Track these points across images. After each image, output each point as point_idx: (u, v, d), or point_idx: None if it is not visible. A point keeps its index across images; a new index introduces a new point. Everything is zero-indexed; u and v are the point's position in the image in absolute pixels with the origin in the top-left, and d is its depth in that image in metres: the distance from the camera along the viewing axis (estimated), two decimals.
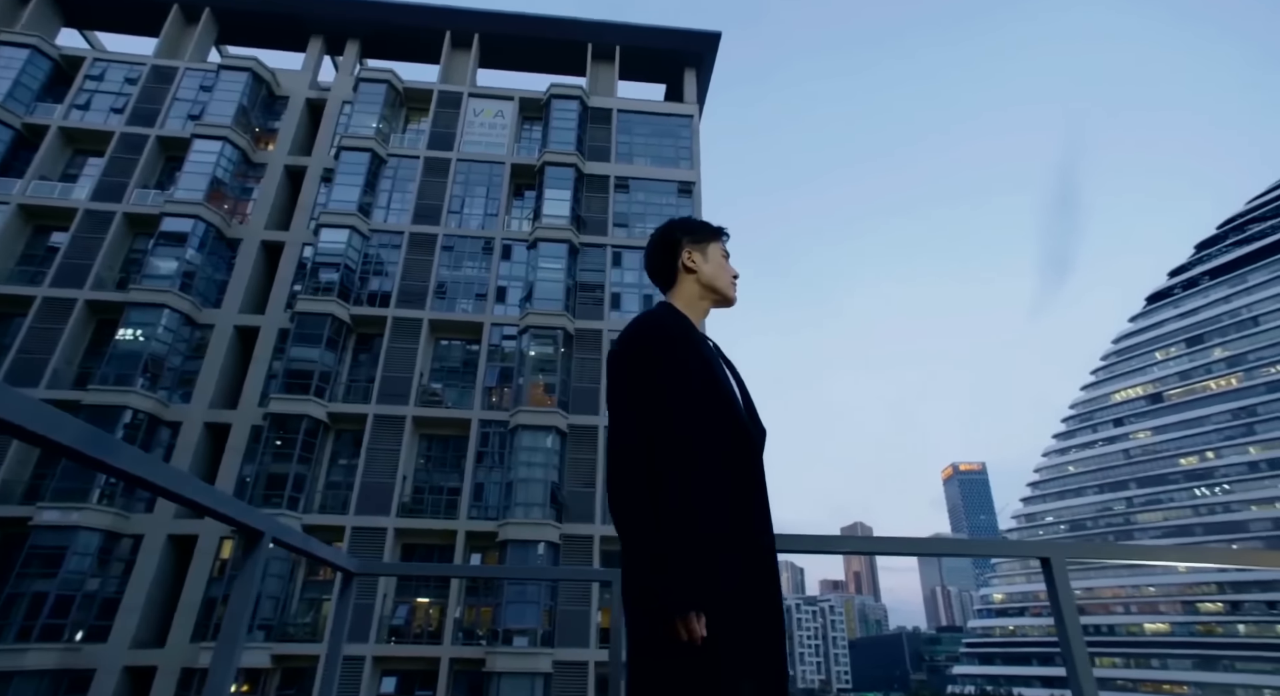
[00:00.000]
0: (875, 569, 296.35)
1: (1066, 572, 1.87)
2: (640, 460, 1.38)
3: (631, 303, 27.48)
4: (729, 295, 1.77)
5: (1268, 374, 74.27)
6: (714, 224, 1.83)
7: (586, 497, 23.83)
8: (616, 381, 1.50)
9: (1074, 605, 1.83)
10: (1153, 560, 2.04)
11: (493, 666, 20.37)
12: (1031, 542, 1.95)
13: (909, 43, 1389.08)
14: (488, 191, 28.91)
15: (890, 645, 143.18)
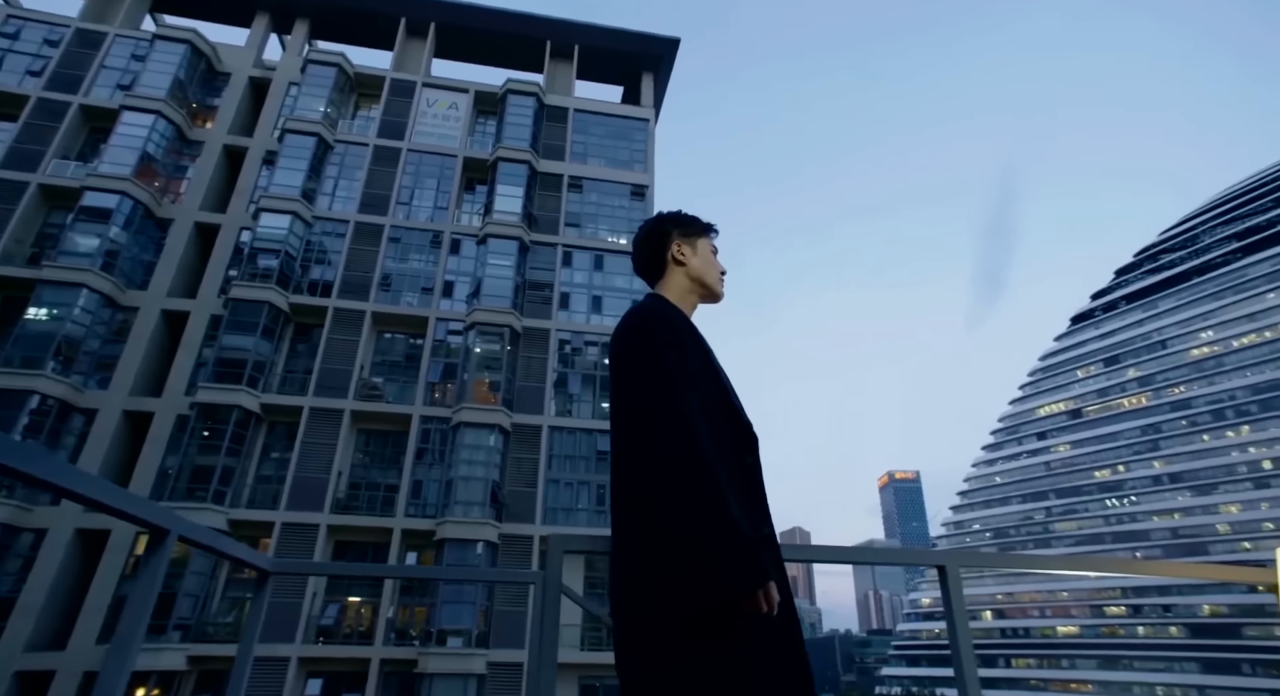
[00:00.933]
0: (812, 573, 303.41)
1: (960, 580, 1.98)
2: (711, 443, 1.33)
3: (580, 303, 27.42)
4: (716, 290, 1.76)
5: (1172, 394, 79.76)
6: (704, 220, 1.81)
7: (527, 497, 23.65)
8: (656, 361, 1.42)
9: (964, 610, 1.95)
10: (1036, 569, 2.19)
11: (425, 667, 19.97)
12: (929, 551, 2.07)
13: (866, 52, 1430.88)
14: (438, 184, 28.37)
15: (823, 647, 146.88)
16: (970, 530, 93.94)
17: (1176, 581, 66.18)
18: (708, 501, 1.24)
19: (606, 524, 23.99)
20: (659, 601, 1.25)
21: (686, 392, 1.37)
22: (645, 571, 1.30)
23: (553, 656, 1.84)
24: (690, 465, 1.27)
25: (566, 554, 1.96)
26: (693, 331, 1.57)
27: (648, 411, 1.37)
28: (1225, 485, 72.85)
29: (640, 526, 1.34)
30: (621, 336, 1.53)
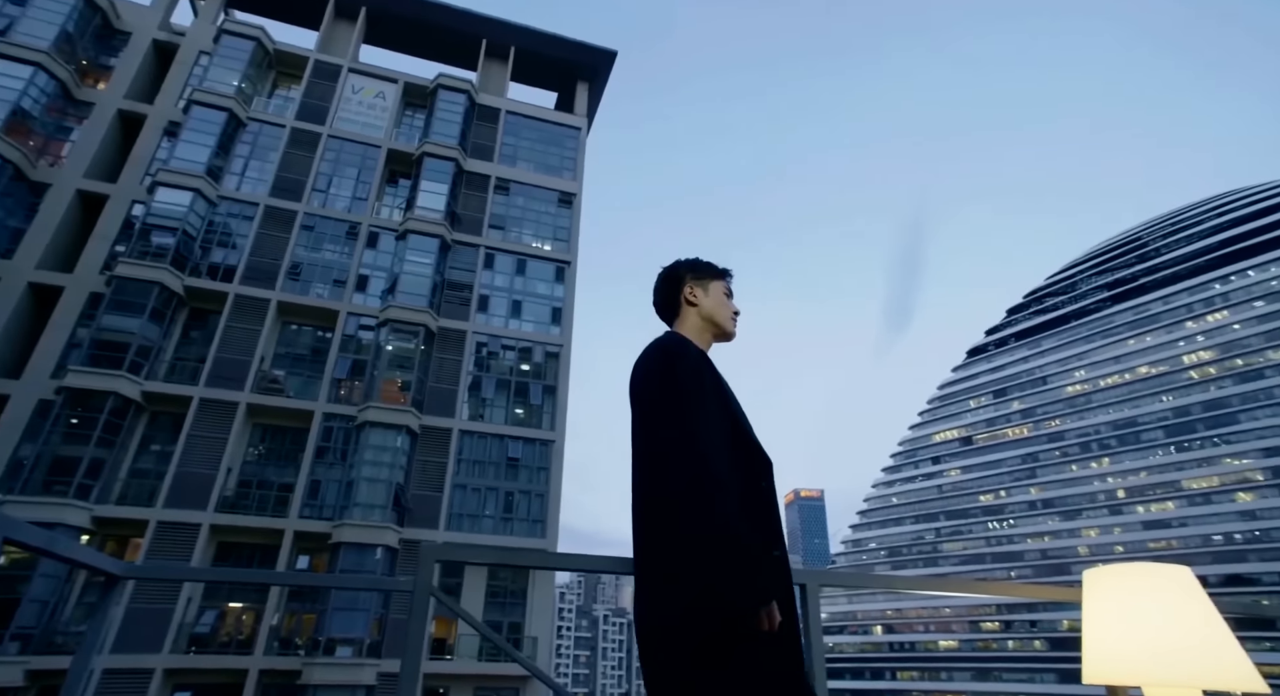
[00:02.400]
0: None
1: (818, 598, 2.08)
2: (722, 465, 1.42)
3: (500, 306, 27.05)
4: (728, 329, 1.86)
5: (1049, 426, 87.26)
6: (719, 265, 1.92)
7: (432, 502, 22.94)
8: (673, 387, 1.52)
9: (820, 627, 2.04)
10: (890, 588, 2.37)
11: (309, 678, 18.87)
12: (794, 571, 2.15)
13: (805, 71, 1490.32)
14: (359, 174, 27.35)
15: None
16: (867, 548, 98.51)
17: (1042, 599, 72.10)
18: (717, 523, 1.32)
19: (512, 531, 23.68)
20: (671, 619, 1.34)
21: (700, 419, 1.47)
22: (657, 589, 1.39)
23: (417, 666, 1.86)
24: (701, 487, 1.36)
25: (439, 562, 2.00)
26: (708, 364, 1.67)
27: (664, 436, 1.46)
28: (1087, 511, 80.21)
29: (654, 545, 1.43)
30: (643, 366, 1.63)
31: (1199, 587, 1.64)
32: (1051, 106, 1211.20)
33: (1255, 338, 74.43)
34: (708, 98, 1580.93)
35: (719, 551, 1.30)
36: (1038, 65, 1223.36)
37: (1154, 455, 77.67)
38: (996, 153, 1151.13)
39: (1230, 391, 74.21)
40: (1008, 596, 2.37)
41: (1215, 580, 68.95)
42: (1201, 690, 1.46)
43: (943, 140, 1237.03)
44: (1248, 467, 70.43)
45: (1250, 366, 73.70)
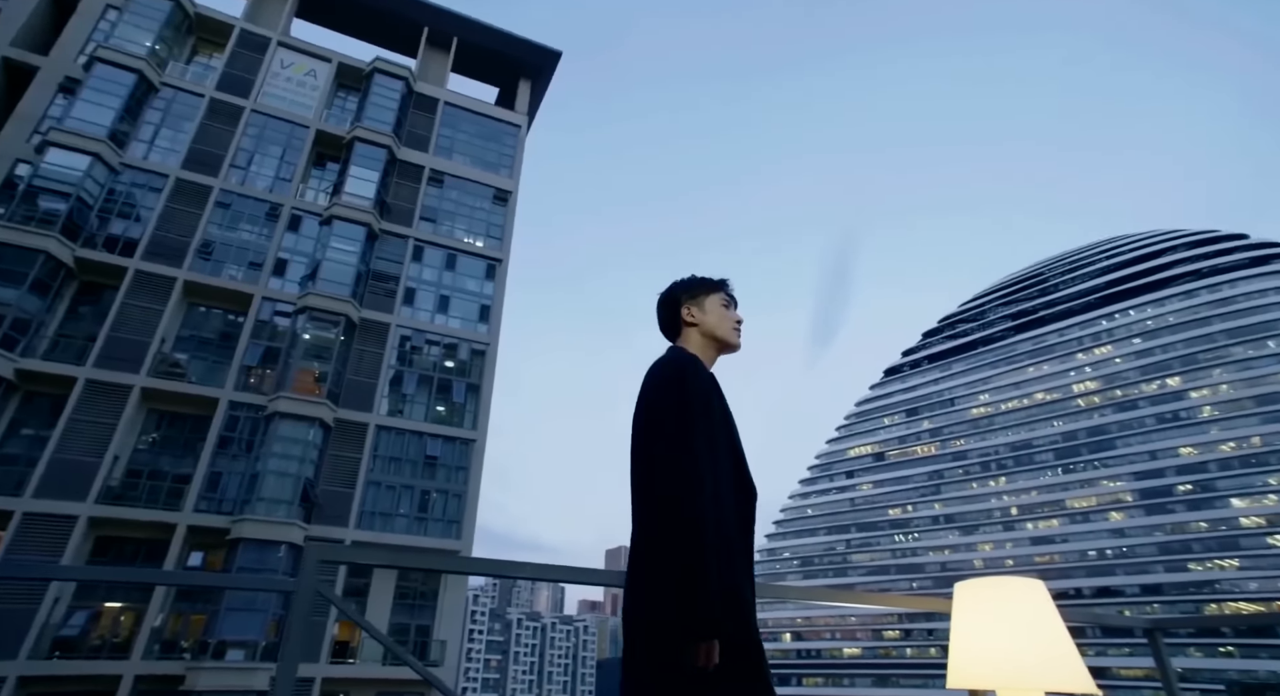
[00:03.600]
0: None
1: None
2: (710, 491, 1.47)
3: (426, 300, 26.36)
4: (731, 342, 1.88)
5: (953, 445, 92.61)
6: (714, 278, 1.95)
7: (343, 498, 22.04)
8: (682, 407, 1.55)
9: None
10: (782, 598, 2.46)
11: (194, 684, 17.67)
12: None
13: (752, 83, 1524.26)
14: (284, 153, 26.08)
15: None
16: (781, 557, 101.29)
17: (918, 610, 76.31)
18: (692, 550, 1.37)
19: (426, 531, 23.05)
20: (643, 629, 1.41)
21: (700, 437, 1.52)
22: (636, 600, 1.46)
23: (293, 669, 1.83)
24: (688, 512, 1.41)
25: (324, 563, 1.94)
26: (715, 387, 1.70)
27: (663, 446, 1.51)
28: (984, 526, 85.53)
29: (638, 549, 1.49)
30: (654, 381, 1.65)
31: (1048, 600, 1.84)
32: (982, 127, 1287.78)
33: (1132, 371, 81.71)
34: (655, 107, 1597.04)
35: (686, 569, 1.36)
36: (982, 84, 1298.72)
37: (1044, 476, 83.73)
38: (931, 171, 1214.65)
39: (1110, 419, 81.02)
40: (889, 607, 2.51)
41: (1089, 591, 74.90)
42: (1044, 692, 1.64)
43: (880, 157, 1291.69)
44: (1120, 489, 77.06)
45: (1127, 397, 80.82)
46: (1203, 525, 70.52)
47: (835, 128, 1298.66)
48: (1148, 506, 74.62)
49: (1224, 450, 71.83)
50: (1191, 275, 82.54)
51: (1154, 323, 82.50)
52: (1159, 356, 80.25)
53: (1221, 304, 78.14)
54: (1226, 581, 67.01)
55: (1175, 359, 78.90)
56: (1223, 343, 76.08)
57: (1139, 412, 79.25)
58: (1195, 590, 68.39)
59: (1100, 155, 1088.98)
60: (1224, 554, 68.09)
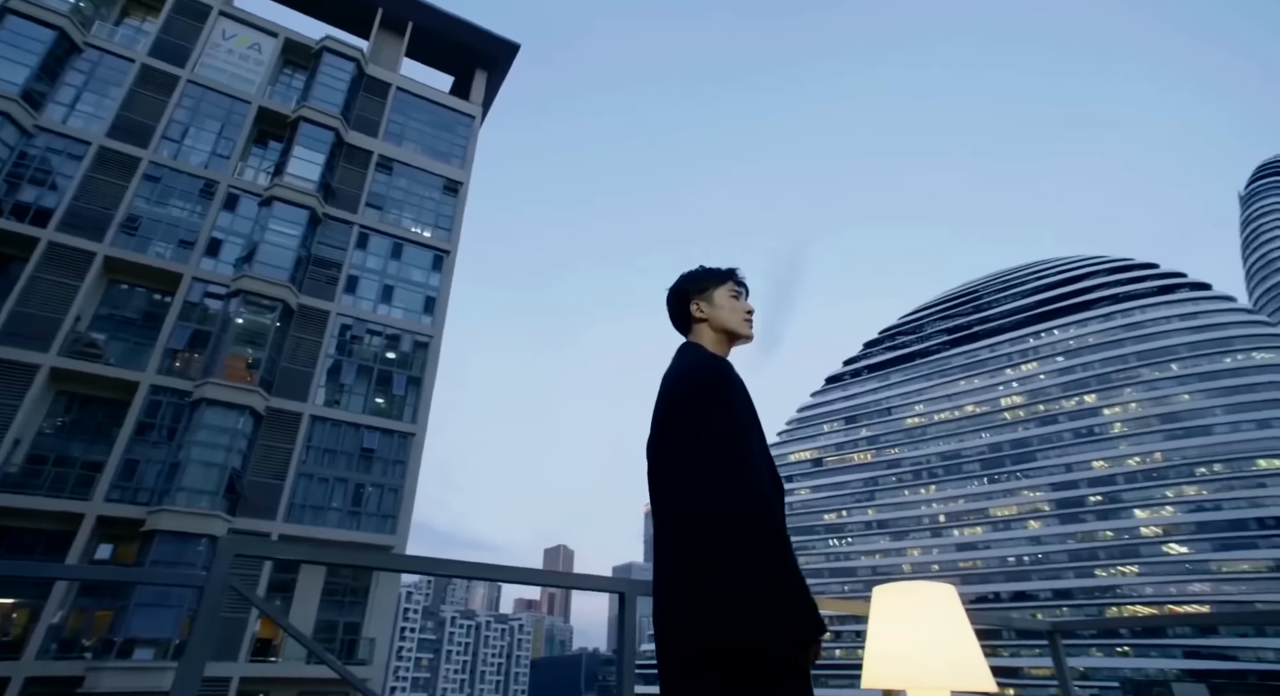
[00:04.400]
0: (570, 591, 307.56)
1: (635, 606, 2.16)
2: (768, 487, 1.46)
3: (370, 290, 25.64)
4: (743, 333, 1.85)
5: (889, 454, 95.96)
6: (722, 268, 1.91)
7: (272, 490, 21.21)
8: (725, 411, 1.53)
9: (635, 635, 2.15)
10: None
11: (95, 685, 16.67)
12: (613, 579, 2.22)
13: (707, 88, 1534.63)
14: (223, 129, 24.90)
15: (570, 665, 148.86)
16: None
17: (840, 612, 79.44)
18: (777, 549, 1.38)
19: (360, 526, 22.44)
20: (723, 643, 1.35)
21: (754, 459, 1.50)
22: (708, 608, 1.39)
23: (198, 668, 1.75)
24: (759, 510, 1.41)
25: (241, 558, 1.86)
26: (745, 388, 1.67)
27: (719, 465, 1.47)
28: (913, 532, 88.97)
29: (702, 560, 1.43)
30: (696, 384, 1.62)
31: (959, 604, 1.95)
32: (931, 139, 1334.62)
33: (1054, 387, 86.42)
34: (608, 108, 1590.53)
35: (780, 579, 1.36)
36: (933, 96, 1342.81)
37: (971, 485, 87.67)
38: (881, 180, 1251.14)
39: (1033, 433, 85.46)
40: (824, 610, 2.59)
41: (1007, 595, 78.84)
42: (950, 691, 1.75)
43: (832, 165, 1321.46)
44: (1039, 499, 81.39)
45: (1049, 412, 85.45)
46: (1109, 534, 75.24)
47: (789, 135, 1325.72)
48: (1062, 516, 79.10)
49: (1130, 464, 76.80)
50: (1109, 300, 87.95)
51: (1075, 342, 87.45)
52: (1078, 374, 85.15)
53: (1133, 328, 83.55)
54: (1126, 586, 71.75)
55: (1092, 377, 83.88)
56: (1133, 364, 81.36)
57: (1058, 427, 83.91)
58: (1099, 594, 72.89)
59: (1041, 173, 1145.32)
60: (1126, 561, 72.83)
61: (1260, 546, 66.90)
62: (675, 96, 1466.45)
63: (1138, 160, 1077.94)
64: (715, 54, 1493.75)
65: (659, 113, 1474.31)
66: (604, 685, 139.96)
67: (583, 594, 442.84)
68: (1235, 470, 71.03)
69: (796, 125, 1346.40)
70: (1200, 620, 4.12)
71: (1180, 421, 75.85)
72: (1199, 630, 64.73)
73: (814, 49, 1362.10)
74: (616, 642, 2.12)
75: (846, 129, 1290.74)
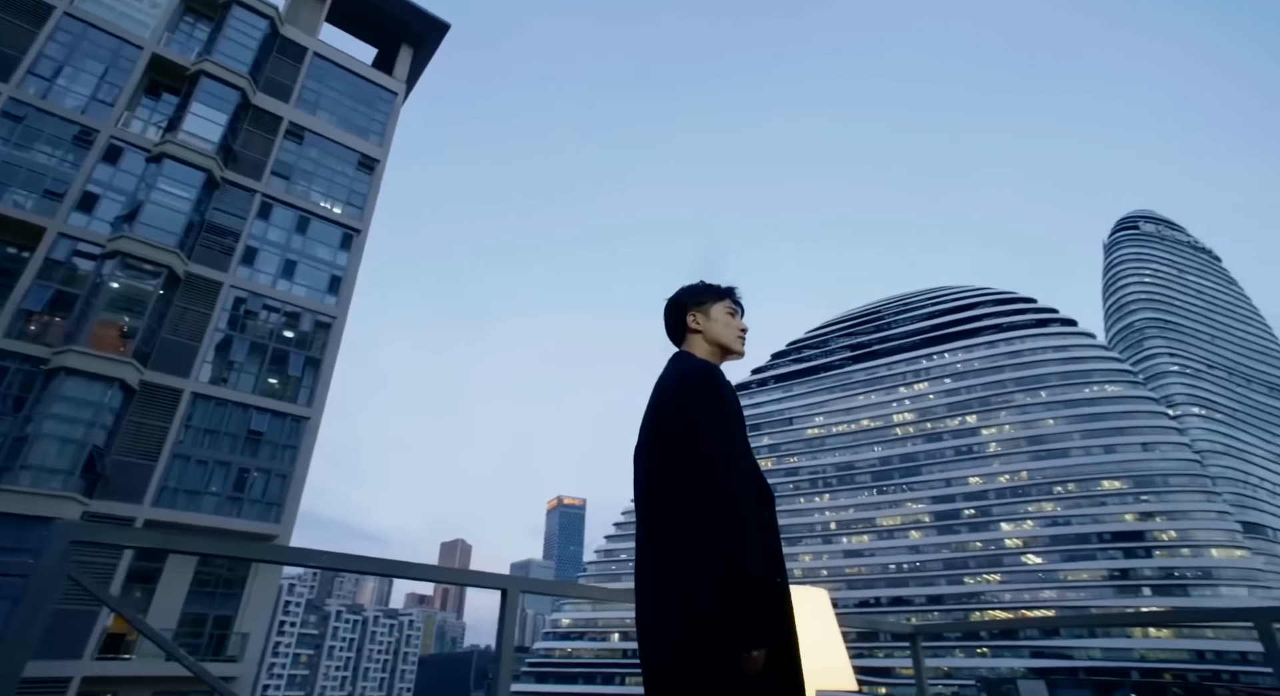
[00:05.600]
0: (465, 589, 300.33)
1: (518, 603, 2.16)
2: (751, 498, 1.52)
3: (269, 263, 24.11)
4: (736, 349, 1.92)
5: (788, 462, 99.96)
6: (721, 285, 1.97)
7: (141, 471, 19.51)
8: (714, 411, 1.58)
9: (514, 632, 2.16)
10: (588, 598, 2.55)
11: None
12: (490, 575, 2.20)
13: (639, 91, 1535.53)
14: (106, 72, 22.67)
15: (460, 663, 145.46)
16: (618, 559, 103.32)
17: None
18: (743, 561, 1.42)
19: (240, 513, 21.13)
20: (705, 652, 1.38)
21: (738, 460, 1.55)
22: (684, 616, 1.43)
23: (16, 667, 1.62)
24: (725, 529, 1.45)
25: (78, 545, 1.73)
26: (735, 394, 1.70)
27: (707, 475, 1.51)
28: (806, 538, 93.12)
29: (678, 568, 1.48)
30: (690, 387, 1.66)
31: (829, 608, 2.09)
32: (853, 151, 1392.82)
33: (941, 407, 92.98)
34: (533, 107, 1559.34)
35: (729, 582, 1.40)
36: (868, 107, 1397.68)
37: (861, 495, 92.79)
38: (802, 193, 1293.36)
39: (919, 448, 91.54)
40: None
41: (886, 600, 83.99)
42: (816, 690, 1.88)
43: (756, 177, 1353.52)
44: (920, 511, 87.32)
45: (935, 430, 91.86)
46: (978, 544, 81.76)
47: (718, 141, 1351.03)
48: (939, 526, 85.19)
49: (1001, 481, 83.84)
50: (993, 328, 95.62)
51: (963, 366, 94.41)
52: (963, 396, 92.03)
53: (1012, 356, 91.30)
54: (989, 593, 78.23)
55: (975, 400, 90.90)
56: (1010, 389, 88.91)
57: (942, 444, 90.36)
58: (966, 600, 79.02)
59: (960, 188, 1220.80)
60: (990, 569, 79.48)
61: (1098, 558, 74.83)
62: (602, 98, 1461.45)
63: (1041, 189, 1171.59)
64: (647, 58, 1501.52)
65: (585, 114, 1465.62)
66: (493, 683, 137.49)
67: (479, 591, 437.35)
68: (1084, 489, 79.05)
69: (726, 132, 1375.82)
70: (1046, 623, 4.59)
71: (1044, 444, 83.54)
72: (1044, 632, 71.54)
73: (750, 58, 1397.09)
74: (496, 640, 2.12)
75: (775, 137, 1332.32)
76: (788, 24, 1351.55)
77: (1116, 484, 77.89)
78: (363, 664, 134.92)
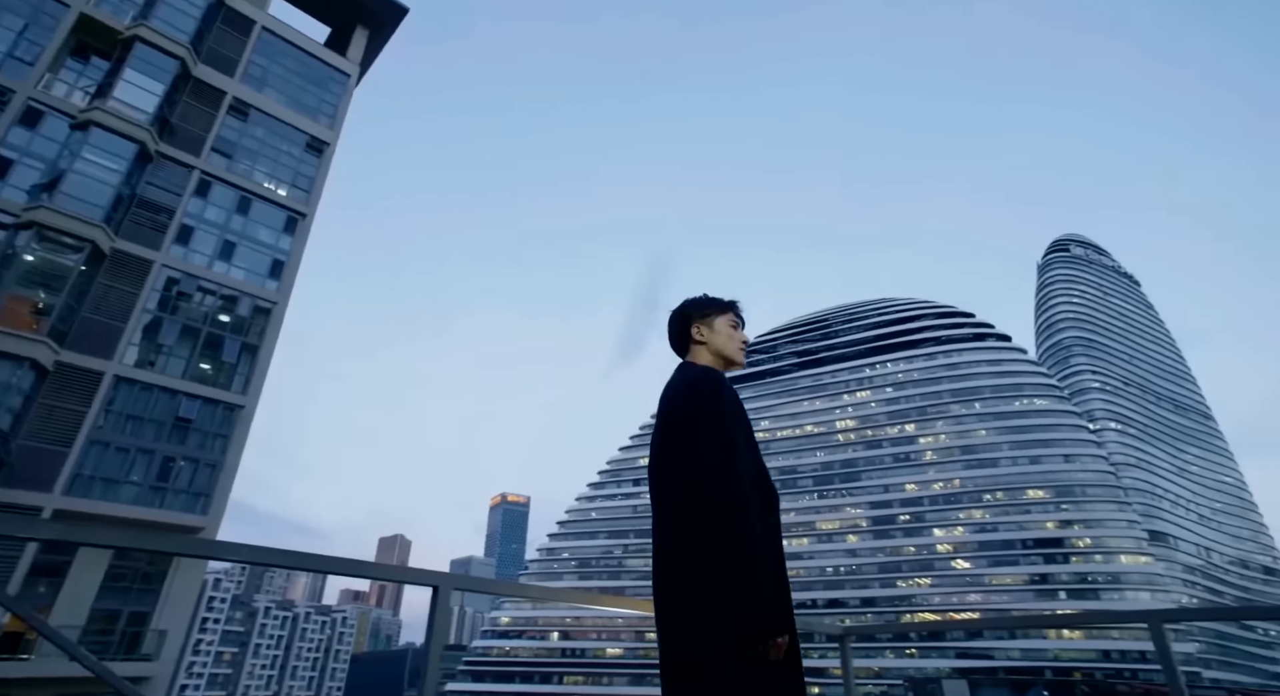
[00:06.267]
0: (402, 585, 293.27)
1: (449, 600, 2.11)
2: (758, 501, 1.59)
3: (207, 244, 23.01)
4: (737, 361, 2.02)
5: None
6: (725, 299, 2.07)
7: (53, 458, 18.31)
8: (719, 416, 1.66)
9: (446, 630, 2.10)
10: (521, 596, 2.49)
11: None
12: (422, 571, 2.11)
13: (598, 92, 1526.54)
14: (26, 28, 21.13)
15: (394, 661, 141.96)
16: (559, 557, 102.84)
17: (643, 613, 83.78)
18: (748, 561, 1.48)
19: (164, 504, 20.11)
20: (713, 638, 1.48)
21: (741, 463, 1.61)
22: (694, 611, 1.53)
23: None
24: (743, 533, 1.50)
25: None
26: (739, 400, 1.79)
27: (712, 477, 1.58)
28: None
29: (696, 575, 1.55)
30: (695, 394, 1.74)
31: None
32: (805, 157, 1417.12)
33: (882, 415, 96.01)
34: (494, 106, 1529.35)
35: (741, 578, 1.47)
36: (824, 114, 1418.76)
37: (803, 499, 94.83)
38: (757, 197, 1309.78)
39: (860, 455, 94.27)
40: (625, 609, 2.65)
41: (823, 603, 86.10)
42: None
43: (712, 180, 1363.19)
44: (859, 516, 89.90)
45: (875, 437, 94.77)
46: (912, 549, 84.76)
47: (675, 142, 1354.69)
48: (876, 531, 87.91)
49: (935, 488, 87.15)
50: (933, 341, 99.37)
51: (903, 376, 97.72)
52: (903, 405, 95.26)
53: (950, 368, 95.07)
54: (920, 595, 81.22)
55: (913, 409, 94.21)
56: (947, 400, 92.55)
57: (881, 451, 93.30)
58: (898, 602, 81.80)
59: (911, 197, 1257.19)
60: (922, 573, 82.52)
61: (1021, 563, 78.66)
62: (560, 98, 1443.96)
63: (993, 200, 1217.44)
64: (607, 59, 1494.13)
65: (543, 113, 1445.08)
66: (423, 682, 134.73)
67: (417, 588, 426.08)
68: (1011, 498, 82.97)
69: (684, 134, 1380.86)
70: (970, 625, 4.74)
71: (977, 453, 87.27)
72: (969, 634, 74.69)
73: (709, 62, 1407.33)
74: (425, 638, 2.06)
75: (733, 142, 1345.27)
76: (746, 29, 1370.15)
77: (1040, 493, 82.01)
78: (291, 662, 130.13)
